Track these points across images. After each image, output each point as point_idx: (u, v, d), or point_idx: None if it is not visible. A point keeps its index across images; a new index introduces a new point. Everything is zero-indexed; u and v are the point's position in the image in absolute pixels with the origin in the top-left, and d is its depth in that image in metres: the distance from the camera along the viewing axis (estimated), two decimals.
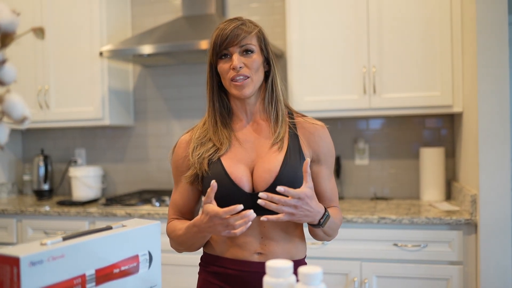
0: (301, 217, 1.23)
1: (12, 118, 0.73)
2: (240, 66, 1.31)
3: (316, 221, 1.27)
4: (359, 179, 3.03)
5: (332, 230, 1.36)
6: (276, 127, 1.38)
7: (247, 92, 1.34)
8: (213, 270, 1.38)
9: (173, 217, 1.45)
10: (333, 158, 1.44)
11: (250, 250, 1.33)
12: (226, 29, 1.33)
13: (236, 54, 1.33)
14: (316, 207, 1.25)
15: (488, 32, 2.17)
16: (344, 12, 2.67)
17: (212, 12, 3.01)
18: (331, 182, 1.44)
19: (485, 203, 2.18)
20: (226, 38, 1.32)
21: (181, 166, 1.43)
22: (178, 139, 1.48)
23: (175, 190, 1.47)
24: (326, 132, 1.43)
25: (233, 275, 1.34)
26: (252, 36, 1.35)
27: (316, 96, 2.70)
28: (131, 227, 1.02)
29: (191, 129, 1.48)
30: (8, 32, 0.70)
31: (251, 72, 1.34)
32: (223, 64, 1.35)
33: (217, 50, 1.35)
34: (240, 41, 1.32)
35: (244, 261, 1.33)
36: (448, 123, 2.91)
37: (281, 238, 1.34)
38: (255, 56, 1.35)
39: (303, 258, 1.41)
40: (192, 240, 1.33)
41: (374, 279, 2.35)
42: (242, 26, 1.34)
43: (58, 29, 3.13)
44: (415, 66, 2.58)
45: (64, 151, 3.58)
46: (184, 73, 3.31)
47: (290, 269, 0.85)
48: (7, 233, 2.92)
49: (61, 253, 0.86)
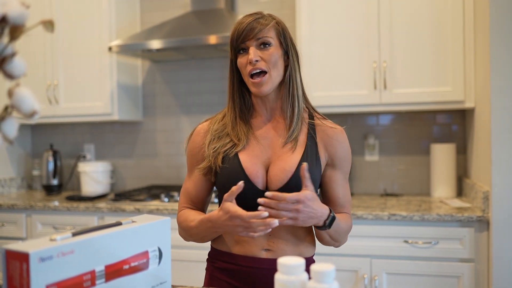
0: (305, 219, 1.20)
1: (22, 112, 0.72)
2: (256, 59, 1.29)
3: (322, 222, 1.25)
4: (369, 175, 3.01)
5: (338, 234, 1.33)
6: (291, 125, 1.35)
7: (265, 89, 1.32)
8: (221, 265, 1.37)
9: (185, 206, 1.44)
10: (349, 164, 1.42)
11: (258, 246, 1.32)
12: (243, 23, 1.32)
13: (252, 47, 1.31)
14: (319, 208, 1.22)
15: (501, 26, 2.13)
16: (354, 6, 2.64)
17: (221, 7, 2.99)
18: (345, 188, 1.41)
19: (497, 200, 2.15)
20: (243, 32, 1.31)
21: (196, 154, 1.41)
22: (196, 127, 1.46)
23: (188, 178, 1.45)
24: (345, 137, 1.40)
25: (241, 271, 1.33)
26: (269, 29, 1.32)
27: (326, 92, 2.68)
28: (141, 223, 1.01)
29: (210, 118, 1.46)
30: (17, 24, 0.69)
31: (269, 66, 1.31)
32: (241, 59, 1.34)
33: (234, 45, 1.34)
34: (256, 34, 1.30)
35: (252, 257, 1.32)
36: (459, 118, 2.88)
37: (289, 236, 1.33)
38: (272, 49, 1.32)
39: (311, 257, 1.39)
40: (204, 233, 1.31)
41: (384, 276, 2.33)
42: (259, 19, 1.32)
43: (67, 24, 3.13)
44: (427, 61, 2.55)
45: (73, 146, 3.59)
46: (193, 68, 3.30)
47: (302, 266, 0.83)
48: (16, 228, 2.94)
49: (70, 249, 0.85)
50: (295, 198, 1.17)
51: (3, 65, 0.70)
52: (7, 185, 3.43)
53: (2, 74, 0.71)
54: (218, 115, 1.45)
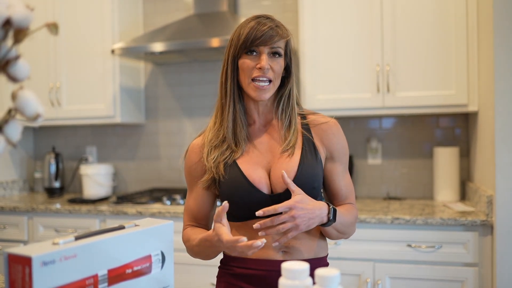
0: (306, 222, 1.20)
1: (25, 115, 0.71)
2: (267, 67, 1.28)
3: (325, 218, 1.24)
4: (372, 179, 3.00)
5: (344, 226, 1.33)
6: (288, 134, 1.35)
7: (266, 97, 1.31)
8: (236, 271, 1.34)
9: (188, 224, 1.43)
10: (347, 154, 1.42)
11: (275, 249, 1.30)
12: (264, 25, 1.29)
13: (265, 54, 1.29)
14: (315, 207, 1.22)
15: (505, 29, 2.13)
16: (357, 9, 2.63)
17: (224, 10, 2.99)
18: (346, 179, 1.41)
19: (501, 204, 2.14)
20: (261, 36, 1.28)
21: (194, 171, 1.40)
22: (190, 144, 1.44)
23: (189, 196, 1.43)
24: (339, 128, 1.40)
25: (257, 276, 1.30)
26: (284, 41, 1.33)
27: (329, 95, 2.67)
28: (144, 227, 1.01)
29: (201, 133, 1.44)
30: (21, 27, 0.68)
31: (275, 76, 1.31)
32: (248, 60, 1.30)
33: (247, 44, 1.29)
34: (274, 43, 1.29)
35: (269, 260, 1.30)
36: (462, 122, 2.87)
37: (303, 236, 1.32)
38: (281, 61, 1.32)
39: (325, 256, 1.39)
40: (206, 252, 1.31)
41: (387, 280, 2.32)
42: (277, 29, 1.30)
43: (70, 26, 3.13)
44: (430, 64, 2.54)
45: (75, 149, 3.59)
46: (196, 71, 3.30)
47: (306, 271, 0.83)
48: (18, 230, 2.93)
49: (73, 253, 0.84)
50: (286, 206, 1.18)
51: (7, 68, 0.69)
52: (9, 187, 3.43)
53: (5, 77, 0.70)
54: (210, 123, 1.42)
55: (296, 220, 1.18)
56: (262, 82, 1.29)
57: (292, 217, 1.18)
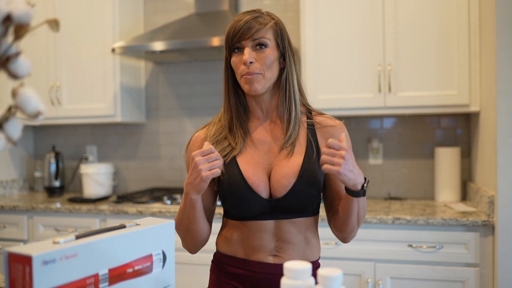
0: (348, 169, 1.15)
1: (26, 113, 0.71)
2: (250, 61, 1.25)
3: (359, 183, 1.18)
4: (373, 179, 2.99)
5: (362, 212, 1.27)
6: (288, 129, 1.32)
7: (257, 87, 1.27)
8: (227, 270, 1.35)
9: None
10: None
11: (265, 252, 1.30)
12: (241, 20, 1.27)
13: (248, 48, 1.27)
14: (357, 166, 1.18)
15: (507, 29, 2.12)
16: (359, 9, 2.62)
17: (225, 9, 2.99)
18: None
19: (503, 204, 2.14)
20: (239, 31, 1.26)
21: None
22: (192, 135, 1.43)
23: None
24: (345, 131, 1.37)
25: (247, 276, 1.31)
26: (267, 29, 1.28)
27: (330, 95, 2.66)
28: (145, 226, 1.00)
29: (206, 125, 1.43)
30: (22, 23, 0.68)
31: (263, 69, 1.27)
32: (235, 58, 1.30)
33: (230, 43, 1.29)
34: (253, 34, 1.26)
35: (259, 262, 1.30)
36: (463, 122, 2.86)
37: (296, 241, 1.30)
38: (269, 51, 1.27)
39: (317, 260, 1.38)
40: (185, 212, 1.27)
41: (388, 281, 2.31)
42: (258, 18, 1.27)
43: (70, 25, 3.12)
44: (432, 64, 2.54)
45: (76, 148, 3.58)
46: (197, 70, 3.29)
47: (309, 271, 0.82)
48: (18, 229, 2.92)
49: (74, 252, 0.84)
50: (341, 145, 1.14)
51: (7, 64, 0.69)
52: (9, 186, 3.42)
53: (6, 73, 0.70)
54: (215, 118, 1.41)
55: (342, 160, 1.14)
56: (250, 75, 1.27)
57: (341, 157, 1.14)
